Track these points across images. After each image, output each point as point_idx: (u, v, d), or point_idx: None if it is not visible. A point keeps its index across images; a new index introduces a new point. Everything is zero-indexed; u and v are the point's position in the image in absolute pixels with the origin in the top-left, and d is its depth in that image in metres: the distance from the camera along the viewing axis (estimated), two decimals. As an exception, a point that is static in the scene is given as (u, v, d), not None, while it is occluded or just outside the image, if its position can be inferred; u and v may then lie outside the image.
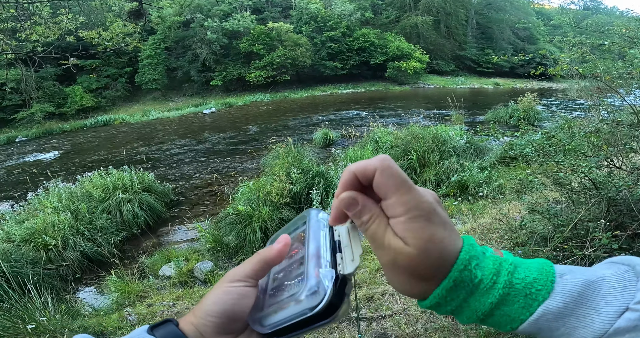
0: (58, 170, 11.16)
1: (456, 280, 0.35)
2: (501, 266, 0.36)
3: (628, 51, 3.50)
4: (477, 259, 0.36)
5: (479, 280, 0.35)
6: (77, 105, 24.06)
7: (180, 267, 4.91)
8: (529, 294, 0.34)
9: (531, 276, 0.35)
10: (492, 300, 0.34)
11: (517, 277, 0.35)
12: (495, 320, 0.36)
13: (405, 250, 0.35)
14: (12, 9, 5.53)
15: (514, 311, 0.34)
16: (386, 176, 0.35)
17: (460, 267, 0.35)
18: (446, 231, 0.35)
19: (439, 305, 0.36)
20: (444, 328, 2.52)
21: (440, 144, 7.50)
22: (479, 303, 0.35)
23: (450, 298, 0.36)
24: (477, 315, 0.36)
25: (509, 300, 0.34)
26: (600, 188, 2.19)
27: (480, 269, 0.35)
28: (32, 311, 3.39)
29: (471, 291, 0.35)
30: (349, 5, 33.02)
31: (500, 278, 0.35)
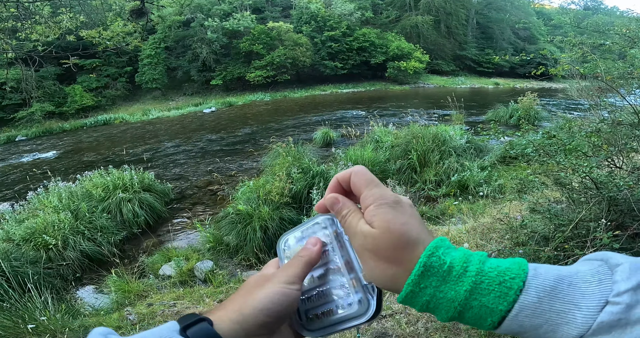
0: (58, 169, 11.15)
1: (425, 265, 0.36)
2: (472, 256, 0.37)
3: (629, 51, 3.50)
4: (446, 249, 0.38)
5: (449, 266, 0.36)
6: (77, 104, 24.05)
7: (180, 267, 4.91)
8: (503, 282, 0.34)
9: (503, 266, 0.35)
10: (466, 287, 0.35)
11: (490, 266, 0.36)
12: (475, 313, 0.35)
13: (371, 232, 0.39)
14: (13, 9, 5.53)
15: (491, 301, 0.34)
16: (358, 176, 0.43)
17: (428, 253, 0.37)
18: (410, 219, 0.40)
19: (414, 295, 0.37)
20: (445, 327, 2.52)
21: (440, 143, 7.51)
22: (453, 292, 0.35)
23: (423, 285, 0.36)
24: (454, 306, 0.36)
25: (484, 288, 0.35)
26: (601, 187, 2.19)
27: (449, 256, 0.37)
28: (32, 310, 3.38)
29: (443, 278, 0.36)
30: (349, 5, 33.00)
31: (472, 266, 0.36)
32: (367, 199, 0.41)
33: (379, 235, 0.39)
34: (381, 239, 0.39)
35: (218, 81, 28.81)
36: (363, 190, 0.42)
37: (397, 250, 0.38)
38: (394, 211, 0.40)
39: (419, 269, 0.36)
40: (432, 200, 6.38)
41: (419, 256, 0.37)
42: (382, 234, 0.38)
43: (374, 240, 0.39)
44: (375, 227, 0.39)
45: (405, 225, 0.39)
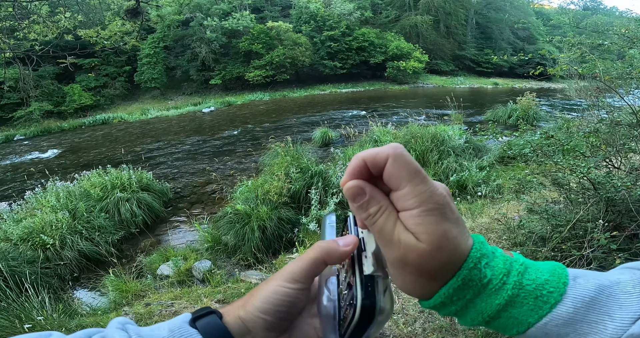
0: (56, 169, 11.13)
1: (465, 278, 0.33)
2: (512, 266, 0.34)
3: (627, 51, 3.50)
4: (488, 258, 0.34)
5: (488, 280, 0.33)
6: (75, 104, 24.02)
7: (178, 266, 4.89)
8: (540, 296, 0.32)
9: (542, 278, 0.33)
10: (499, 301, 0.33)
11: (528, 278, 0.33)
12: (501, 323, 0.34)
13: (418, 246, 0.32)
14: (11, 8, 5.51)
15: (522, 313, 0.33)
16: (399, 164, 0.32)
17: (470, 265, 0.33)
18: (459, 228, 0.33)
19: (443, 305, 0.34)
20: (442, 328, 2.51)
21: (439, 143, 7.50)
22: (485, 304, 0.33)
23: (456, 298, 0.34)
24: (482, 317, 0.34)
25: (518, 301, 0.33)
26: (599, 188, 2.18)
27: (490, 268, 0.34)
28: (29, 310, 3.38)
29: (478, 291, 0.33)
30: (348, 5, 33.00)
31: (510, 278, 0.33)
32: (410, 200, 0.32)
33: (428, 251, 0.32)
34: (430, 257, 0.32)
35: (217, 80, 28.79)
36: (404, 186, 0.32)
37: (445, 267, 0.33)
38: (446, 221, 0.33)
39: (457, 281, 0.33)
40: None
41: (460, 266, 0.33)
42: (432, 251, 0.32)
43: (421, 257, 0.32)
44: (422, 240, 0.32)
45: (457, 239, 0.33)
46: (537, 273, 0.34)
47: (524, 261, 0.35)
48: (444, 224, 0.32)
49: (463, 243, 0.33)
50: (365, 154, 0.34)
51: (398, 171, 0.32)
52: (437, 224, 0.32)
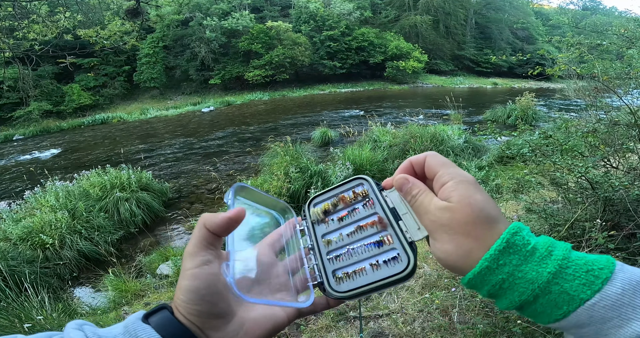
0: (55, 168, 11.13)
1: (509, 241, 0.35)
2: (556, 243, 0.36)
3: (626, 51, 3.51)
4: (529, 232, 0.37)
5: (533, 247, 0.35)
6: (74, 103, 24.00)
7: (177, 266, 4.90)
8: (591, 270, 0.33)
9: (590, 257, 0.34)
10: (550, 269, 0.33)
11: (576, 255, 0.34)
12: (550, 300, 0.33)
13: (449, 206, 0.38)
14: (10, 8, 5.51)
15: (574, 287, 0.32)
16: (433, 157, 0.43)
17: (512, 231, 0.36)
18: (486, 198, 0.38)
19: (489, 271, 0.35)
20: (441, 327, 2.52)
21: (438, 143, 7.52)
22: (535, 272, 0.34)
23: (501, 262, 0.35)
24: (532, 288, 0.34)
25: (569, 273, 0.33)
26: (597, 187, 2.19)
27: (533, 238, 0.36)
28: (29, 310, 3.38)
29: (525, 257, 0.35)
30: (348, 5, 33.00)
31: (557, 251, 0.35)
32: (444, 177, 0.40)
33: (458, 208, 0.37)
34: (460, 212, 0.37)
35: (217, 80, 28.79)
36: (439, 169, 0.41)
37: (476, 224, 0.37)
38: (475, 188, 0.39)
39: (501, 244, 0.35)
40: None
41: (500, 233, 0.36)
42: (462, 207, 0.37)
43: (452, 214, 0.37)
44: (453, 202, 0.38)
45: (486, 202, 0.38)
46: (584, 253, 0.35)
47: (568, 244, 0.36)
48: (473, 189, 0.38)
49: (494, 210, 0.38)
50: (412, 158, 0.45)
51: (434, 161, 0.43)
52: (466, 189, 0.38)
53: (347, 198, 0.49)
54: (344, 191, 0.50)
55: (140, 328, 0.36)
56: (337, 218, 0.48)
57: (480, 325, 2.26)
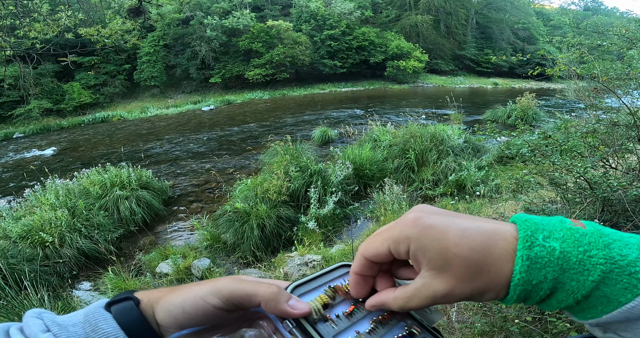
0: (55, 167, 11.14)
1: (530, 257, 0.31)
2: (585, 237, 0.32)
3: (627, 52, 3.51)
4: (544, 231, 0.32)
5: (561, 252, 0.31)
6: (75, 102, 23.99)
7: (177, 264, 4.90)
8: (634, 273, 0.29)
9: (633, 255, 0.30)
10: (594, 277, 0.30)
11: (618, 253, 0.31)
12: (589, 303, 0.31)
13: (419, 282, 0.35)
14: (11, 6, 5.51)
15: (615, 292, 0.30)
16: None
17: (527, 244, 0.31)
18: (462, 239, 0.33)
19: (528, 294, 0.32)
20: (439, 326, 2.53)
21: (438, 143, 7.52)
22: (575, 282, 0.30)
23: (535, 282, 0.31)
24: (574, 297, 0.31)
25: (612, 278, 0.30)
26: (595, 188, 2.20)
27: (554, 241, 0.31)
28: (28, 308, 3.38)
29: (560, 267, 0.31)
30: (349, 4, 32.99)
31: (595, 251, 0.31)
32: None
33: (431, 276, 0.34)
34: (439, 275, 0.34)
35: (217, 79, 28.78)
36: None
37: (472, 267, 0.32)
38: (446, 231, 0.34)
39: (523, 265, 0.31)
40: (429, 199, 6.39)
41: (512, 252, 0.32)
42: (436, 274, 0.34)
43: (431, 285, 0.34)
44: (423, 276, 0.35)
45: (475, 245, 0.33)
46: (626, 248, 0.31)
47: (604, 232, 0.32)
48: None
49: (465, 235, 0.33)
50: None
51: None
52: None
53: (344, 288, 0.41)
54: (333, 280, 0.43)
55: (100, 316, 0.35)
56: (343, 315, 0.39)
57: (478, 323, 2.27)
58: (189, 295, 0.37)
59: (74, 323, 0.35)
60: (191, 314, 0.37)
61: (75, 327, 0.35)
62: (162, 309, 0.37)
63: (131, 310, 0.36)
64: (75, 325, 0.35)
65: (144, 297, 0.38)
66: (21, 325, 0.35)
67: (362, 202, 6.63)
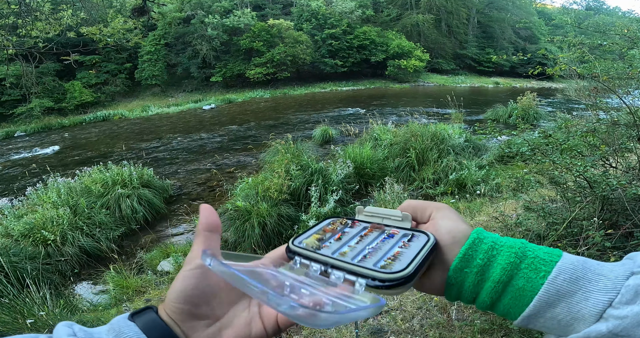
0: (57, 165, 11.16)
1: (481, 229, 0.43)
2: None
3: (628, 52, 3.51)
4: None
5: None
6: (76, 100, 24.04)
7: (178, 262, 4.92)
8: (547, 252, 0.38)
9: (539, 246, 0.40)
10: (519, 241, 0.40)
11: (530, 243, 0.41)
12: (529, 263, 0.38)
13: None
14: (14, 5, 5.53)
15: (542, 254, 0.38)
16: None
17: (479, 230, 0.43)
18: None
19: (480, 241, 0.41)
20: (440, 324, 2.54)
21: (439, 142, 7.52)
22: (511, 241, 0.40)
23: (485, 235, 0.42)
24: (514, 251, 0.39)
25: (532, 246, 0.39)
26: (595, 186, 2.21)
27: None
28: (30, 306, 3.40)
29: (496, 235, 0.42)
30: (350, 3, 32.95)
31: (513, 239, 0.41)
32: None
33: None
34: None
35: (218, 77, 28.79)
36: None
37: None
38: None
39: (479, 228, 0.43)
40: (429, 198, 6.40)
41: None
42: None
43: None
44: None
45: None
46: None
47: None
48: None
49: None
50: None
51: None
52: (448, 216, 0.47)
53: (331, 229, 0.50)
54: (323, 227, 0.50)
55: (124, 325, 0.38)
56: (333, 240, 0.47)
57: (478, 321, 2.28)
58: (177, 278, 0.41)
59: (99, 332, 0.38)
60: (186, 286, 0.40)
61: (100, 334, 0.38)
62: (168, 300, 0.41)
63: (153, 318, 0.40)
64: (100, 333, 0.38)
65: (159, 306, 0.42)
66: (50, 336, 0.37)
67: (362, 201, 6.64)
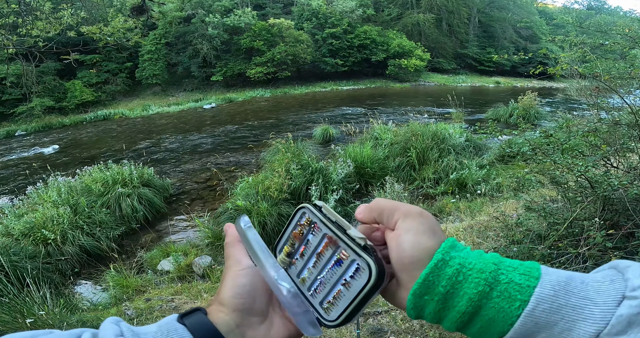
0: (57, 164, 11.16)
1: (453, 242, 0.37)
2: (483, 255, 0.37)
3: (629, 52, 3.50)
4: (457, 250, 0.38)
5: (469, 249, 0.37)
6: (76, 99, 24.03)
7: (178, 262, 4.92)
8: (522, 264, 0.34)
9: (516, 261, 0.35)
10: (493, 260, 0.35)
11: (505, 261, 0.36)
12: (503, 290, 0.33)
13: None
14: (14, 4, 5.52)
15: (518, 277, 0.33)
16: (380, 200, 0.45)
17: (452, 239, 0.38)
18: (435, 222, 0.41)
19: (444, 263, 0.35)
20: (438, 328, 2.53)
21: (439, 141, 7.52)
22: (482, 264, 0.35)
23: (452, 255, 0.36)
24: (484, 276, 0.34)
25: (507, 265, 0.35)
26: (596, 186, 2.20)
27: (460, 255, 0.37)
28: (30, 305, 3.39)
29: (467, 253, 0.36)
30: (350, 2, 32.89)
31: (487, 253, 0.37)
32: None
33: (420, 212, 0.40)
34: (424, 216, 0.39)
35: (218, 77, 28.77)
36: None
37: (436, 224, 0.39)
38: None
39: (448, 243, 0.37)
40: (430, 198, 6.40)
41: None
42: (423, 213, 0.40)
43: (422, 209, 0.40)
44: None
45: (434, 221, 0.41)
46: (510, 259, 0.36)
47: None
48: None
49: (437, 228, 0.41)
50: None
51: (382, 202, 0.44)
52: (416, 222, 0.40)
53: (298, 234, 0.49)
54: (293, 228, 0.50)
55: (172, 327, 0.38)
56: (299, 256, 0.48)
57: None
58: (228, 277, 0.44)
59: (146, 332, 0.38)
60: (239, 282, 0.43)
61: (147, 335, 0.37)
62: (225, 300, 0.42)
63: (202, 320, 0.40)
64: (147, 334, 0.38)
65: (208, 309, 0.43)
66: (96, 331, 0.37)
67: (363, 200, 6.63)
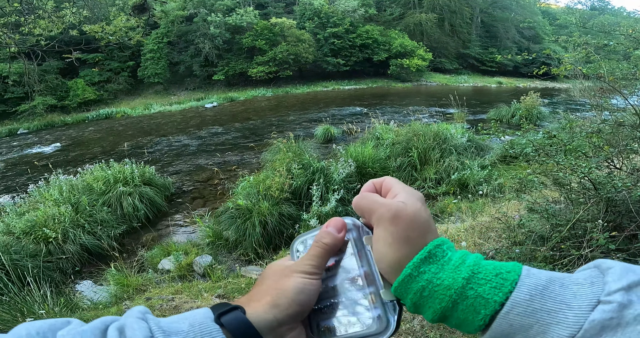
0: (59, 163, 11.17)
1: (430, 252, 0.38)
2: (469, 254, 0.39)
3: (633, 52, 3.48)
4: (451, 247, 0.40)
5: (449, 258, 0.38)
6: (79, 98, 24.07)
7: (179, 261, 4.92)
8: (500, 274, 0.35)
9: (499, 263, 0.37)
10: (464, 275, 0.36)
11: (486, 262, 0.37)
12: (469, 305, 0.35)
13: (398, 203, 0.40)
14: (16, 3, 5.52)
15: (487, 291, 0.34)
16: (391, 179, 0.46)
17: (435, 243, 0.39)
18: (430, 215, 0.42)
19: (411, 279, 0.37)
20: (440, 325, 2.52)
21: (441, 142, 7.50)
22: (451, 279, 0.36)
23: (422, 270, 0.37)
24: (449, 294, 0.35)
25: (481, 278, 0.35)
26: (600, 188, 2.18)
27: (451, 252, 0.39)
28: (31, 304, 3.40)
29: (442, 266, 0.37)
30: (352, 2, 32.84)
31: (469, 259, 0.37)
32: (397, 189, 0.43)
33: (404, 206, 0.39)
34: (407, 210, 0.39)
35: (220, 76, 28.77)
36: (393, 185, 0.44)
37: (414, 228, 0.39)
38: (421, 201, 0.41)
39: (423, 253, 0.38)
40: (431, 198, 6.38)
41: (427, 244, 0.39)
42: (410, 205, 0.40)
43: (398, 211, 0.39)
44: (402, 199, 0.40)
45: (428, 213, 0.41)
46: (493, 261, 0.38)
47: (480, 255, 0.39)
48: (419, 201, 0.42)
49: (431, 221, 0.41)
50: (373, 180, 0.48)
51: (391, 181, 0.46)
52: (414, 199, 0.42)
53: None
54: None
55: (206, 329, 0.36)
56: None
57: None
58: (299, 280, 0.42)
59: (177, 331, 0.35)
60: (309, 292, 0.42)
61: (178, 335, 0.35)
62: (283, 301, 0.41)
63: (242, 320, 0.38)
64: (178, 334, 0.35)
65: (246, 306, 0.41)
66: (121, 323, 0.35)
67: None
